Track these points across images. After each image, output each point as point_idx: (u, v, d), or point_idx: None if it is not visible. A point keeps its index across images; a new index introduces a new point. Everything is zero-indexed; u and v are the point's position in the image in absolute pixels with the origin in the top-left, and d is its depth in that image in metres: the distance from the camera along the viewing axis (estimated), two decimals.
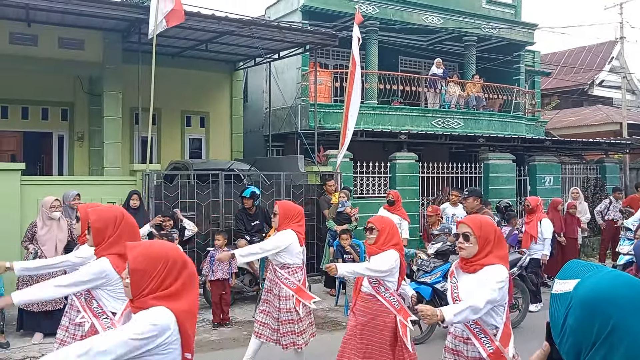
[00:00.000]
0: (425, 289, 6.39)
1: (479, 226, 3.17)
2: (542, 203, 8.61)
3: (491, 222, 3.30)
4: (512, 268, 6.65)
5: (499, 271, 3.10)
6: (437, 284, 6.39)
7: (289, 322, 4.93)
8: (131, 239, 3.24)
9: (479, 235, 3.13)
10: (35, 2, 8.52)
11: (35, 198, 7.90)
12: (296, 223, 4.94)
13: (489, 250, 3.13)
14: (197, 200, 8.75)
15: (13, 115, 11.66)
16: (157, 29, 8.26)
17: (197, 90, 13.35)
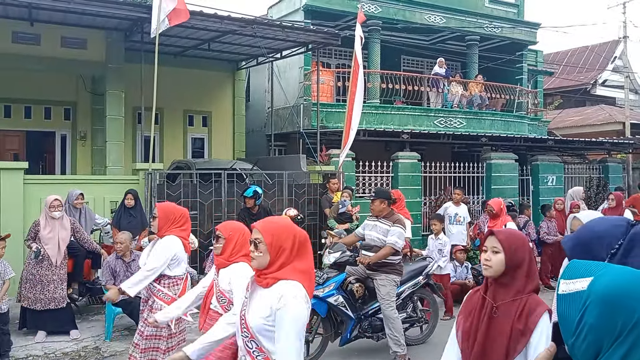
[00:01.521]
0: (319, 305, 5.69)
1: (271, 232, 2.59)
2: (505, 206, 8.08)
3: (288, 228, 2.67)
4: (417, 277, 6.34)
5: (294, 289, 2.53)
6: (330, 298, 5.75)
7: (154, 338, 4.30)
8: None
9: (270, 242, 2.57)
10: (38, 1, 8.52)
11: (38, 197, 7.93)
12: (178, 227, 4.33)
13: (284, 262, 2.58)
14: (200, 199, 8.75)
15: (16, 115, 11.69)
16: (160, 28, 8.26)
17: (200, 89, 13.37)
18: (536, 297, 2.48)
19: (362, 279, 6.03)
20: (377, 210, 5.92)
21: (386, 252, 5.76)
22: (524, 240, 2.63)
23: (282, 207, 9.01)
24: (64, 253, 6.51)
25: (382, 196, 5.94)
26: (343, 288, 5.93)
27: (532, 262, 2.57)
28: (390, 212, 5.95)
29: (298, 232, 2.63)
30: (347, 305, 5.84)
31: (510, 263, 2.51)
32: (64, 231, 6.56)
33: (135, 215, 7.57)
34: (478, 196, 12.84)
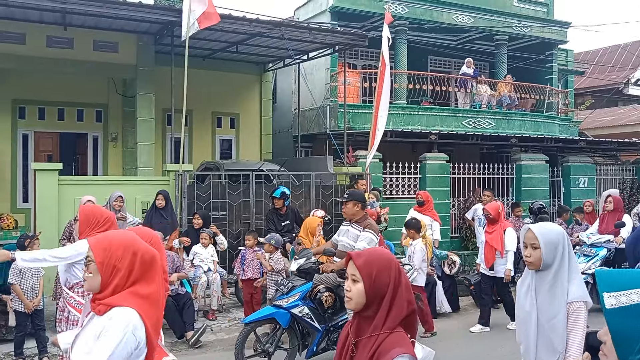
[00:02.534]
0: (282, 315, 5.47)
1: (103, 249, 2.18)
2: (504, 210, 7.60)
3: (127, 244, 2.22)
4: None
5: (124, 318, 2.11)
6: (294, 309, 5.48)
7: None
8: None
9: (101, 261, 2.15)
10: (72, 6, 8.73)
11: (72, 197, 8.12)
12: (101, 231, 3.87)
13: (118, 284, 2.16)
14: (229, 200, 8.84)
15: (50, 117, 11.99)
16: (190, 31, 8.38)
17: (228, 91, 13.50)
18: (396, 337, 1.99)
19: (333, 287, 5.64)
20: (349, 214, 5.54)
21: None
22: (388, 263, 2.08)
23: (310, 209, 9.04)
24: None
25: (356, 198, 5.55)
26: (310, 297, 5.60)
27: (397, 290, 2.04)
28: (364, 217, 5.54)
29: (141, 250, 2.21)
30: (313, 316, 5.51)
31: (371, 293, 2.03)
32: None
33: (165, 216, 7.69)
34: (507, 198, 12.65)
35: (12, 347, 6.05)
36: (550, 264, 2.89)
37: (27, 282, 5.94)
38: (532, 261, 2.92)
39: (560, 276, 2.88)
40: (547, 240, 2.88)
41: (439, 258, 8.40)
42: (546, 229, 2.98)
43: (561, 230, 2.96)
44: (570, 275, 2.89)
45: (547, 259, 2.88)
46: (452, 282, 8.39)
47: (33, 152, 11.78)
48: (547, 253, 2.88)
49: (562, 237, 2.92)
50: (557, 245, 2.88)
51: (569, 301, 2.85)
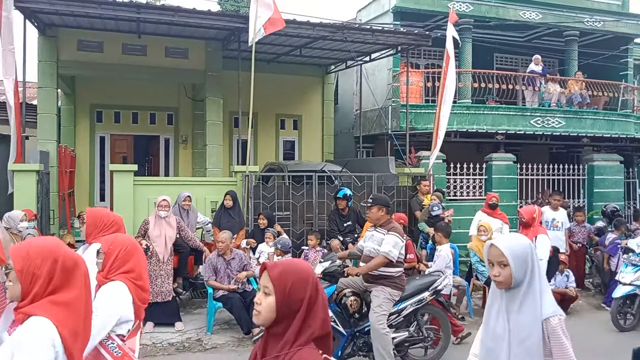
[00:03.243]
0: None
1: (22, 256, 2.12)
2: (540, 214, 7.05)
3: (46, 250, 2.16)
4: (422, 292, 5.68)
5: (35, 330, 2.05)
6: None
7: None
8: None
9: (20, 269, 2.10)
10: (146, 16, 9.20)
11: (146, 197, 8.55)
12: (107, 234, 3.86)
13: (37, 292, 2.11)
14: (292, 200, 9.01)
15: (125, 120, 12.67)
16: (256, 37, 8.62)
17: (291, 94, 13.76)
18: (305, 352, 1.81)
19: (360, 292, 5.57)
20: (374, 218, 5.43)
21: (377, 262, 5.25)
22: (306, 277, 1.88)
23: None
24: (170, 250, 6.98)
25: (380, 202, 5.42)
26: (336, 301, 5.53)
27: (313, 307, 1.85)
28: (388, 221, 5.41)
29: (62, 256, 2.16)
30: (337, 320, 5.39)
31: (283, 308, 1.83)
32: (171, 229, 7.02)
33: (233, 215, 7.95)
34: (578, 200, 12.17)
35: None
36: (521, 280, 2.60)
37: None
38: (502, 280, 2.61)
39: (532, 292, 2.59)
40: (515, 255, 2.59)
41: None
42: (512, 242, 2.68)
43: (527, 242, 2.69)
44: (542, 289, 2.61)
45: (517, 275, 2.59)
46: None
47: (109, 153, 12.50)
48: (517, 269, 2.58)
49: (529, 249, 2.65)
50: (526, 259, 2.60)
51: (544, 318, 2.56)
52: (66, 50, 10.31)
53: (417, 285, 5.74)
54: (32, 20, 9.45)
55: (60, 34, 10.21)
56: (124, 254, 3.07)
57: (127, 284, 3.03)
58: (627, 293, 7.31)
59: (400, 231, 5.38)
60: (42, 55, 10.08)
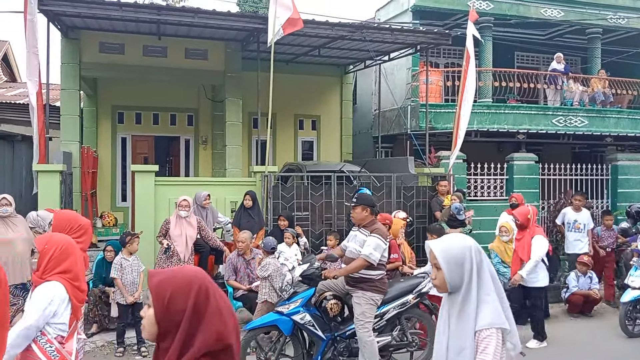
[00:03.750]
0: (284, 322, 5.26)
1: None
2: (534, 214, 6.80)
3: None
4: (405, 295, 5.57)
5: None
6: (295, 315, 5.23)
7: None
8: None
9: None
10: (166, 17, 9.29)
11: (167, 197, 8.63)
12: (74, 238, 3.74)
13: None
14: (311, 200, 9.01)
15: (146, 121, 12.81)
16: (275, 38, 8.64)
17: (309, 94, 13.77)
18: None
19: (341, 295, 5.43)
20: (358, 219, 5.28)
21: (357, 265, 5.08)
22: (188, 286, 1.66)
23: (391, 210, 9.02)
24: (191, 249, 7.04)
25: (365, 203, 5.27)
26: (316, 304, 5.41)
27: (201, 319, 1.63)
28: (372, 222, 5.26)
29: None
30: (316, 324, 5.29)
31: (164, 321, 1.64)
32: (191, 229, 7.09)
33: (253, 215, 7.98)
34: (602, 201, 11.96)
35: (114, 335, 6.54)
36: (458, 285, 2.39)
37: (127, 276, 6.41)
38: (437, 284, 2.45)
39: (469, 300, 2.36)
40: (448, 258, 2.39)
41: None
42: (447, 244, 2.45)
43: (468, 244, 2.42)
44: (480, 297, 2.36)
45: (452, 280, 2.39)
46: None
47: (131, 154, 12.65)
48: (450, 273, 2.38)
49: (468, 252, 2.39)
50: (462, 263, 2.37)
51: (476, 329, 2.34)
52: (88, 52, 10.46)
53: (401, 288, 5.61)
54: (55, 23, 9.60)
55: (82, 36, 10.36)
56: (59, 254, 3.02)
57: (64, 284, 2.99)
58: (637, 297, 7.15)
59: (383, 233, 5.21)
60: (64, 58, 10.24)
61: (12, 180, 9.03)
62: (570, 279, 8.28)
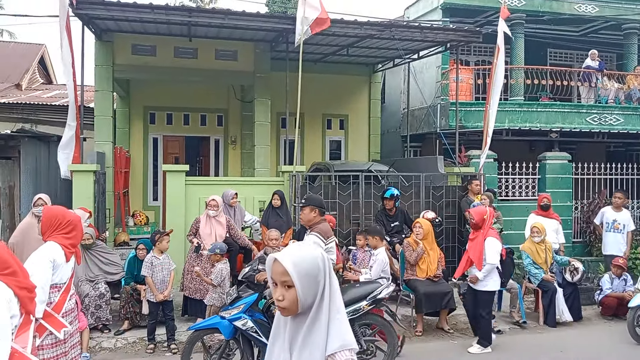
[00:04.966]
0: (225, 326, 5.13)
1: None
2: (491, 216, 6.37)
3: None
4: (357, 302, 5.39)
5: None
6: (237, 321, 5.09)
7: None
8: None
9: None
10: (197, 19, 9.42)
11: (197, 196, 8.76)
12: (63, 234, 3.97)
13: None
14: (339, 200, 9.01)
15: (176, 122, 13.02)
16: (303, 37, 8.68)
17: (338, 93, 13.77)
18: None
19: None
20: (306, 220, 5.11)
21: None
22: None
23: (419, 210, 8.97)
24: None
25: (313, 203, 5.11)
26: (263, 310, 5.21)
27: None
28: (318, 222, 5.07)
29: None
30: (260, 330, 5.08)
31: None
32: (220, 228, 7.18)
33: (281, 215, 8.03)
34: (637, 201, 11.62)
35: (145, 332, 6.66)
36: (309, 305, 1.95)
37: (158, 274, 6.51)
38: (287, 306, 1.94)
39: (318, 321, 1.95)
40: (303, 273, 1.92)
41: (560, 264, 7.95)
42: (297, 255, 1.96)
43: (319, 254, 1.99)
44: (331, 316, 1.96)
45: (305, 299, 1.93)
46: (573, 290, 7.89)
47: (162, 154, 12.88)
48: (305, 291, 1.92)
49: (321, 262, 1.97)
50: (316, 277, 1.95)
51: (328, 353, 1.93)
52: (121, 54, 10.68)
53: (354, 293, 5.44)
54: (89, 27, 9.84)
55: (115, 38, 10.59)
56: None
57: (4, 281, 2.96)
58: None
59: (324, 231, 4.99)
60: (98, 60, 10.48)
61: (48, 180, 9.29)
62: (604, 281, 8.08)
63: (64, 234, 3.99)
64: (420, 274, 7.16)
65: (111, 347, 6.53)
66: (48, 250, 3.91)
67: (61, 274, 3.98)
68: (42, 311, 3.81)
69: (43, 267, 3.82)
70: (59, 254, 3.93)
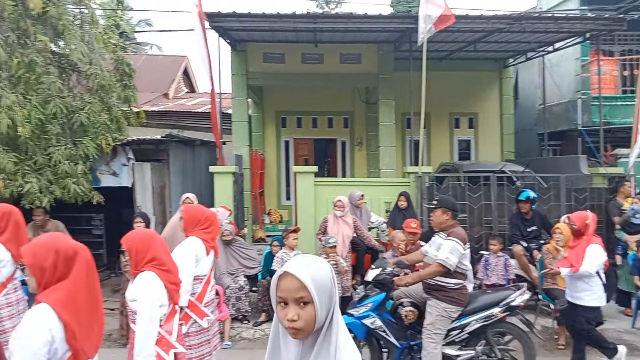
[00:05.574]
0: (357, 326, 5.13)
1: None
2: (594, 221, 5.60)
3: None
4: (490, 308, 5.09)
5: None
6: (365, 319, 5.11)
7: None
8: None
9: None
10: (322, 25, 9.70)
11: (325, 197, 9.03)
12: (202, 229, 4.43)
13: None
14: (469, 202, 8.73)
15: (305, 125, 13.54)
16: (426, 36, 8.56)
17: (465, 91, 13.34)
18: None
19: (419, 303, 5.19)
20: (437, 222, 5.01)
21: (432, 270, 4.84)
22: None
23: (559, 214, 8.34)
24: (348, 247, 7.27)
25: (445, 205, 4.98)
26: (391, 311, 5.25)
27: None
28: (452, 226, 4.94)
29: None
30: (388, 330, 5.13)
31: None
32: (347, 228, 7.32)
33: (408, 216, 7.97)
34: None
35: None
36: (321, 323, 1.76)
37: None
38: (303, 326, 1.73)
39: (329, 340, 1.75)
40: (320, 287, 1.73)
41: None
42: (314, 267, 1.77)
43: (327, 265, 1.82)
44: (339, 333, 1.78)
45: (322, 316, 1.74)
46: None
47: (293, 156, 13.48)
48: (322, 308, 1.73)
49: (332, 274, 1.81)
50: (330, 292, 1.77)
51: None
52: (254, 63, 11.33)
53: (486, 299, 5.22)
54: (224, 38, 10.57)
55: (248, 48, 11.25)
56: (143, 247, 3.34)
57: (155, 272, 3.31)
58: None
59: (461, 237, 4.89)
60: (234, 69, 11.21)
61: (193, 181, 10.15)
62: None
63: (203, 229, 4.42)
64: (562, 283, 6.67)
65: (250, 337, 6.97)
66: (191, 245, 4.34)
67: (202, 267, 4.38)
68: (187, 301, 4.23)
69: (187, 260, 4.25)
70: (200, 248, 4.35)
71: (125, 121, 9.04)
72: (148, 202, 8.67)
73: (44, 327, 2.29)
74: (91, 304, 2.45)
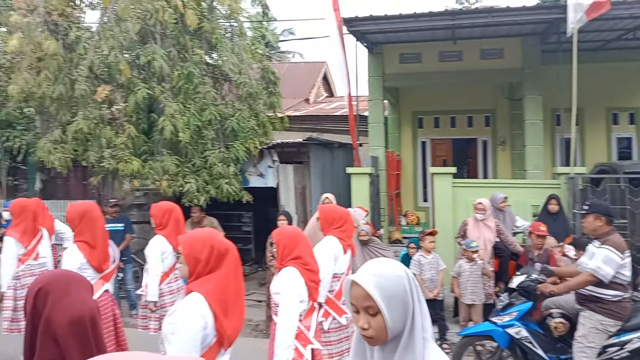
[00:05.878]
0: (499, 334, 4.95)
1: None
2: None
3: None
4: None
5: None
6: (510, 328, 4.91)
7: None
8: None
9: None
10: (461, 21, 9.42)
11: (465, 199, 8.77)
12: (337, 228, 4.63)
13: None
14: (630, 207, 7.88)
15: (443, 125, 13.24)
16: (576, 26, 7.91)
17: (624, 83, 12.04)
18: None
19: (571, 315, 4.88)
20: (589, 229, 4.71)
21: (581, 280, 4.56)
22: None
23: None
24: (491, 253, 6.98)
25: (598, 210, 4.65)
26: (539, 321, 5.06)
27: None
28: (607, 233, 4.58)
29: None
30: (535, 341, 4.85)
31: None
32: (489, 232, 7.03)
33: (558, 221, 7.45)
34: None
35: None
36: (399, 330, 1.72)
37: (426, 273, 6.78)
38: (374, 335, 1.73)
39: (412, 348, 1.70)
40: (389, 296, 1.69)
41: None
42: (382, 276, 1.72)
43: (403, 272, 1.75)
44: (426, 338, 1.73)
45: (394, 325, 1.71)
46: None
47: (430, 157, 13.28)
48: (393, 317, 1.70)
49: (407, 282, 1.74)
50: (405, 298, 1.71)
51: None
52: (390, 64, 11.34)
53: None
54: (361, 41, 10.74)
55: (384, 50, 11.29)
56: (289, 242, 3.59)
57: (298, 269, 3.51)
58: None
59: (618, 245, 4.51)
60: (371, 71, 11.33)
61: (332, 182, 10.49)
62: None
63: (338, 227, 4.67)
64: None
65: None
66: (329, 245, 4.59)
67: (340, 265, 4.59)
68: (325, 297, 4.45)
69: (327, 258, 4.48)
70: (337, 247, 4.58)
71: (271, 126, 9.64)
72: (291, 201, 9.15)
73: (199, 314, 2.52)
74: (236, 297, 2.67)
